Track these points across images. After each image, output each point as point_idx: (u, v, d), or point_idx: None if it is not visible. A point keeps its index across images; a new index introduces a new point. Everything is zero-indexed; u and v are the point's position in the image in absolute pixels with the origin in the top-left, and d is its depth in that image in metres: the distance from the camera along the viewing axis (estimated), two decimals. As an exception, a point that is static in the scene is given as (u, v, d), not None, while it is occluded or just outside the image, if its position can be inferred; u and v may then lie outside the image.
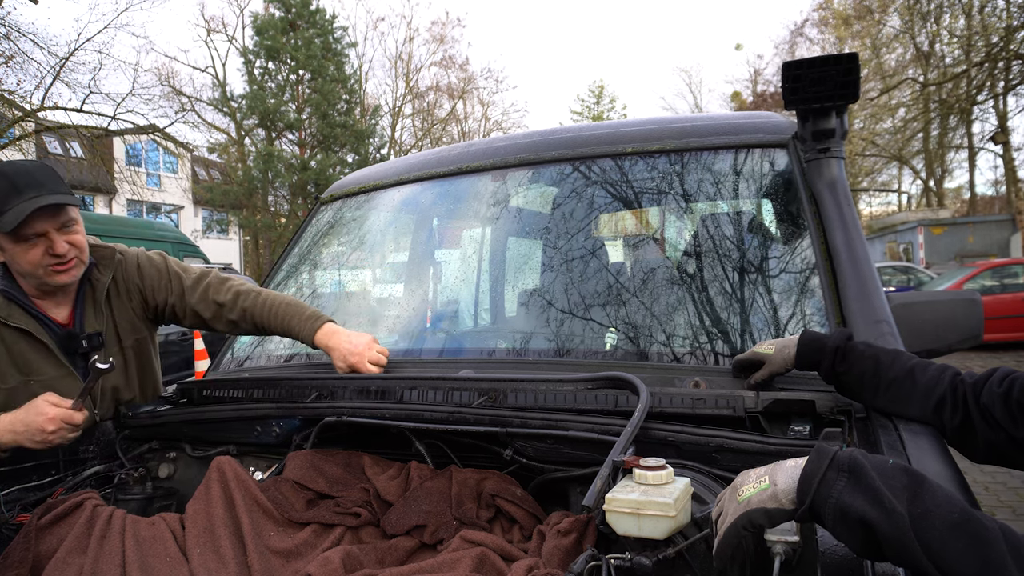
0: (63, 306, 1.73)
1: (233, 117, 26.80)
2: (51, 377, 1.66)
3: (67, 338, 1.70)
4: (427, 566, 1.09)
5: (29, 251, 1.58)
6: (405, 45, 34.84)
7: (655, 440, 1.21)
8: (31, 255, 1.58)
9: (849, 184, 1.67)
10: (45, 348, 1.67)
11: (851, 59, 1.51)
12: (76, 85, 17.24)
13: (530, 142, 2.10)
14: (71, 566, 1.18)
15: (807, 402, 1.25)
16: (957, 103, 21.06)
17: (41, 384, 1.64)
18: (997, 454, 1.04)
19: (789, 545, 0.84)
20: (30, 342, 1.66)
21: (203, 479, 1.36)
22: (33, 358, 1.66)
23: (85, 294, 1.75)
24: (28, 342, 1.66)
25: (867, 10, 23.01)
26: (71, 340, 1.71)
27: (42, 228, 1.57)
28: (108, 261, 1.80)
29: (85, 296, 1.75)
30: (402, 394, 1.50)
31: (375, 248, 2.41)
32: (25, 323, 1.64)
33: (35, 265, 1.60)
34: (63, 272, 1.63)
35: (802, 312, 1.54)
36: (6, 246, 1.58)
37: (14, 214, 1.51)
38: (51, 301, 1.71)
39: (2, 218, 1.51)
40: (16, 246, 1.57)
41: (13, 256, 1.60)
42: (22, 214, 1.51)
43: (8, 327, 1.63)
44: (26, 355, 1.65)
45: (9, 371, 1.63)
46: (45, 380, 1.65)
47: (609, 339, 1.70)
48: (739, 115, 1.98)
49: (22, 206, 1.52)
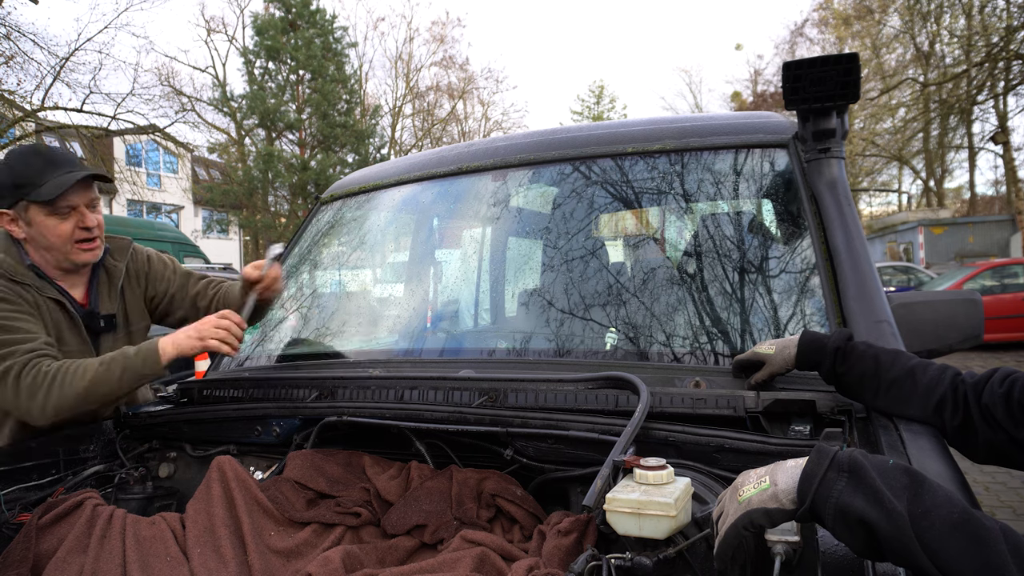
0: (78, 287, 1.79)
1: (233, 117, 26.79)
2: (75, 349, 1.72)
3: (88, 316, 1.77)
4: (427, 566, 1.09)
5: (60, 224, 1.65)
6: (405, 45, 34.90)
7: (655, 440, 1.21)
8: (62, 228, 1.65)
9: (849, 184, 1.67)
10: (72, 321, 1.73)
11: (851, 59, 1.51)
12: (76, 85, 17.26)
13: (530, 142, 2.10)
14: (71, 566, 1.18)
15: (807, 402, 1.25)
16: (957, 103, 21.06)
17: (66, 354, 1.68)
18: (998, 454, 1.04)
19: (790, 545, 0.84)
20: (63, 312, 1.71)
21: (203, 479, 1.36)
22: (64, 328, 1.72)
23: (99, 278, 1.82)
24: (62, 312, 1.71)
25: (867, 10, 23.00)
26: (91, 318, 1.77)
27: (75, 201, 1.65)
28: (123, 250, 1.89)
29: (99, 280, 1.82)
30: (402, 394, 1.50)
31: (375, 248, 2.41)
32: (55, 295, 1.70)
33: (64, 239, 1.66)
34: (89, 250, 1.71)
35: (802, 312, 1.54)
36: (37, 219, 1.63)
37: (54, 185, 1.59)
38: (68, 282, 1.76)
39: (41, 189, 1.59)
40: (48, 219, 1.64)
41: (43, 229, 1.64)
42: (63, 185, 1.59)
43: (42, 295, 1.69)
44: (59, 325, 1.71)
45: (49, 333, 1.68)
46: (71, 351, 1.71)
47: (609, 339, 1.70)
48: (739, 115, 1.98)
49: (61, 178, 1.60)
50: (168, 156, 28.28)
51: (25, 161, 1.62)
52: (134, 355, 1.57)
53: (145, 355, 1.57)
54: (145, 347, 1.59)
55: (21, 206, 1.63)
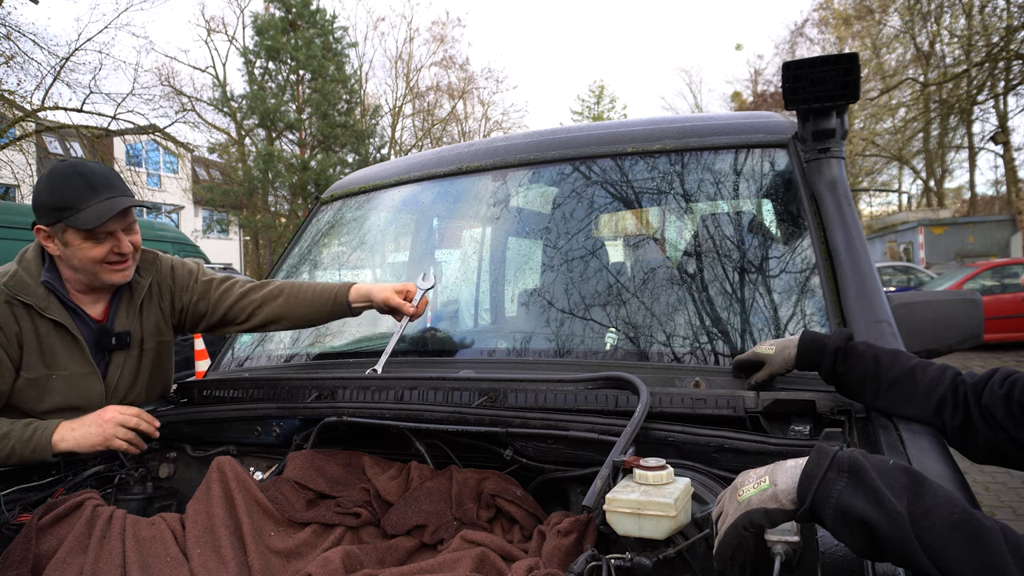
0: (100, 303, 1.77)
1: (233, 117, 26.78)
2: (73, 373, 1.69)
3: (100, 333, 1.74)
4: (427, 566, 1.09)
5: (95, 248, 1.63)
6: (405, 45, 34.89)
7: (655, 440, 1.21)
8: (96, 252, 1.63)
9: (849, 184, 1.67)
10: (75, 343, 1.70)
11: (851, 59, 1.51)
12: (76, 85, 17.27)
13: (530, 142, 2.10)
14: (71, 566, 1.18)
15: (807, 402, 1.25)
16: (957, 103, 21.05)
17: (62, 379, 1.67)
18: (998, 454, 1.04)
19: (789, 545, 0.84)
20: (62, 335, 1.68)
21: (203, 479, 1.36)
22: (61, 352, 1.68)
23: (122, 294, 1.79)
24: (60, 335, 1.68)
25: (867, 10, 22.99)
26: (103, 335, 1.74)
27: (114, 227, 1.64)
28: (149, 265, 1.85)
29: (122, 296, 1.79)
30: (402, 394, 1.50)
31: (375, 248, 2.41)
32: (61, 316, 1.67)
33: (96, 262, 1.64)
34: (120, 272, 1.69)
35: (802, 312, 1.54)
36: (73, 242, 1.62)
37: (94, 212, 1.58)
38: (89, 297, 1.74)
39: (80, 215, 1.57)
40: (84, 243, 1.62)
41: (77, 251, 1.63)
42: (104, 216, 1.58)
43: (44, 318, 1.66)
44: (55, 348, 1.68)
45: (35, 362, 1.66)
46: (67, 375, 1.68)
47: (609, 339, 1.70)
48: (739, 115, 1.98)
49: (101, 206, 1.59)
50: (168, 156, 28.28)
51: (68, 182, 1.59)
52: (27, 439, 1.52)
53: (36, 444, 1.51)
54: (41, 432, 1.53)
55: (59, 227, 1.61)
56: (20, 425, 1.54)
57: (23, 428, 1.53)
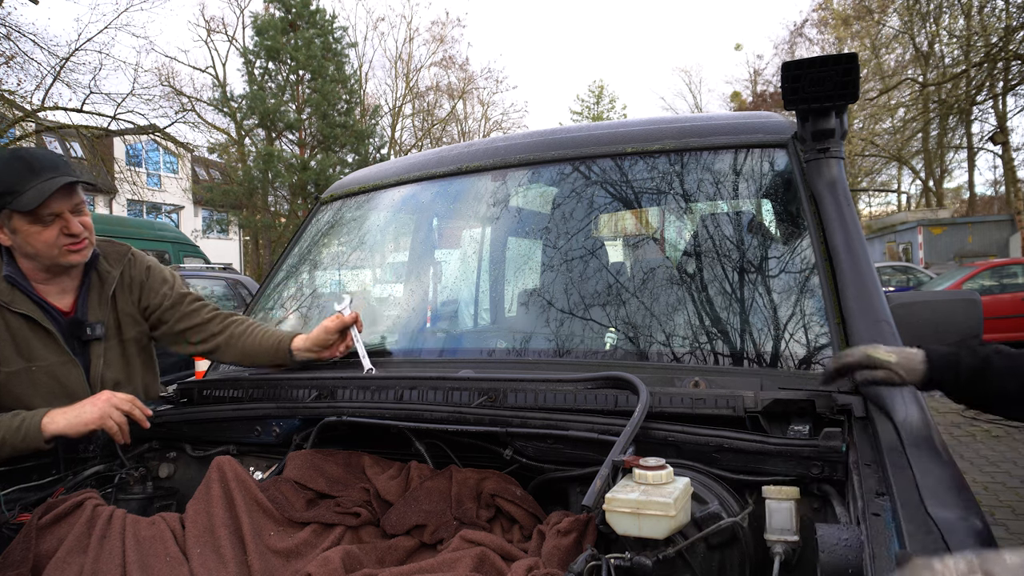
0: (67, 294, 1.76)
1: (233, 117, 26.76)
2: (53, 363, 1.69)
3: (73, 325, 1.74)
4: (427, 566, 1.09)
5: (44, 232, 1.62)
6: (405, 45, 34.75)
7: (655, 440, 1.21)
8: (46, 235, 1.62)
9: (849, 184, 1.68)
10: (47, 334, 1.69)
11: (850, 59, 1.51)
12: (76, 85, 17.23)
13: (530, 142, 2.10)
14: (71, 566, 1.18)
15: (807, 402, 1.25)
16: (956, 103, 21.04)
17: (43, 370, 1.67)
18: None
19: (789, 545, 0.84)
20: (33, 328, 1.68)
21: (203, 479, 1.36)
22: (36, 344, 1.68)
23: (91, 284, 1.79)
24: (31, 328, 1.68)
25: (867, 10, 22.98)
26: (77, 327, 1.74)
27: (58, 208, 1.62)
28: (120, 256, 1.85)
29: (91, 286, 1.78)
30: (402, 394, 1.50)
31: (375, 248, 2.41)
32: (28, 309, 1.67)
33: (50, 245, 1.63)
34: (76, 252, 1.68)
35: (802, 312, 1.54)
36: (20, 227, 1.61)
37: (35, 193, 1.56)
38: (55, 288, 1.74)
39: (21, 198, 1.56)
40: (32, 227, 1.61)
41: (27, 237, 1.62)
42: (43, 194, 1.56)
43: (11, 312, 1.66)
44: (29, 341, 1.67)
45: (11, 355, 1.65)
46: (47, 366, 1.68)
47: (609, 339, 1.70)
48: (739, 115, 1.98)
49: (42, 186, 1.57)
50: (168, 156, 28.30)
51: (7, 167, 1.58)
52: (16, 428, 1.51)
53: (27, 430, 1.50)
54: (30, 419, 1.52)
55: (4, 215, 1.60)
56: (8, 416, 1.54)
57: (11, 418, 1.53)
